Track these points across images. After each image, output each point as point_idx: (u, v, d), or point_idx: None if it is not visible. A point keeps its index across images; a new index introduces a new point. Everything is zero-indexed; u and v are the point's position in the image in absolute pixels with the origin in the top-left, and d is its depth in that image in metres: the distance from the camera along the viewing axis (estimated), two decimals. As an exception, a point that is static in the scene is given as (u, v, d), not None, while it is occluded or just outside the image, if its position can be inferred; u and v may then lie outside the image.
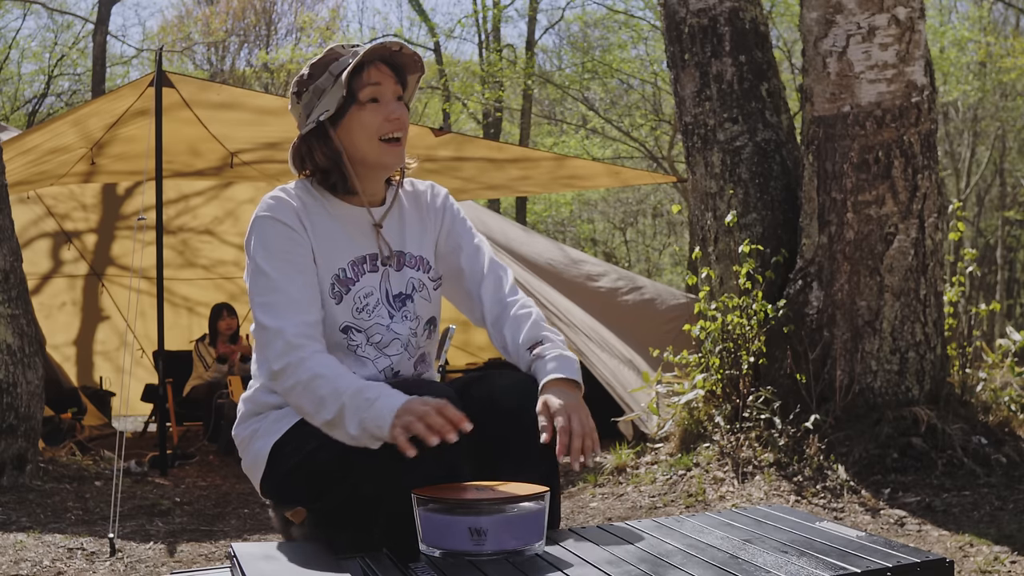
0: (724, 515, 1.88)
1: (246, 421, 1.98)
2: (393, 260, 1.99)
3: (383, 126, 1.93)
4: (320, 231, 1.93)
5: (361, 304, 1.93)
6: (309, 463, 1.85)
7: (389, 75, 1.95)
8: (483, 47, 19.07)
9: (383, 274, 1.97)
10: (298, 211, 1.92)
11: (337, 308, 1.91)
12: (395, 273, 1.99)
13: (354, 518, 1.84)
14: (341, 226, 1.96)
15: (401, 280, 1.99)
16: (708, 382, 4.37)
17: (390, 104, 1.93)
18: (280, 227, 1.89)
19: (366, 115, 1.92)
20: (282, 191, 1.96)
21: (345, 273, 1.93)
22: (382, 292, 1.96)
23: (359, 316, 1.92)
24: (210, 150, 6.77)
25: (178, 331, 8.45)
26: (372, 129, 1.93)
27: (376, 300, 1.95)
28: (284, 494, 1.96)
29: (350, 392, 1.73)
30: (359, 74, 1.92)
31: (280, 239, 1.89)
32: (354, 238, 1.96)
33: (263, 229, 1.90)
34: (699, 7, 4.72)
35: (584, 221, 23.81)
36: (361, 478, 1.79)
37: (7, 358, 4.66)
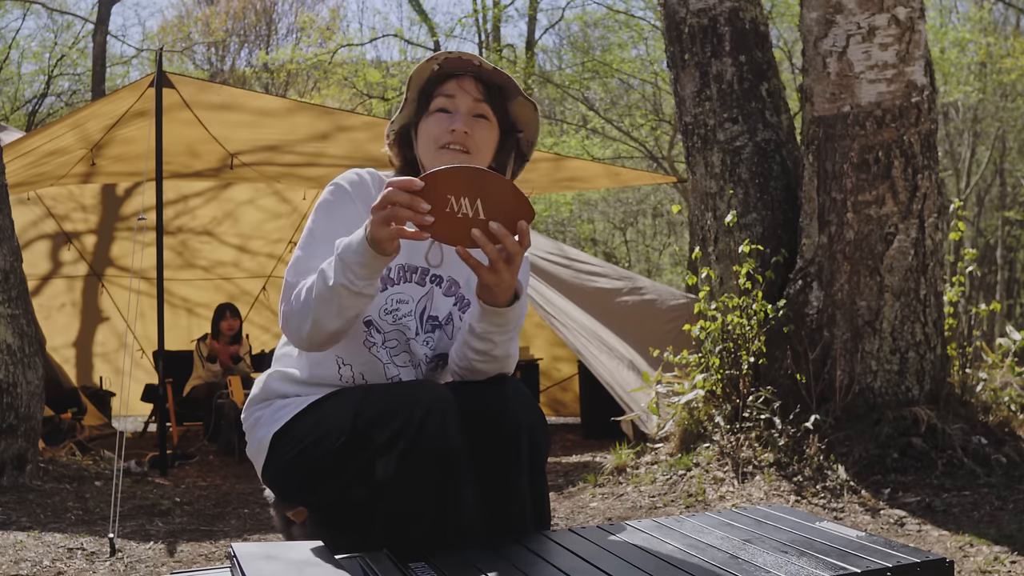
0: (724, 515, 1.88)
1: (253, 406, 1.99)
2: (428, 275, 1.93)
3: (443, 136, 1.90)
4: None
5: (392, 307, 1.90)
6: (305, 458, 1.85)
7: (471, 91, 1.92)
8: (483, 47, 19.07)
9: (429, 292, 1.93)
10: (371, 194, 1.91)
11: None
12: (442, 297, 1.94)
13: (352, 518, 1.85)
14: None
15: (443, 307, 1.94)
16: (708, 382, 4.37)
17: (457, 115, 1.91)
18: (347, 198, 1.91)
19: (430, 124, 1.92)
20: (368, 172, 1.97)
21: (389, 272, 1.91)
22: (418, 307, 1.92)
23: (385, 316, 1.90)
24: (209, 151, 6.77)
25: (177, 331, 8.45)
26: (433, 137, 1.91)
27: (408, 311, 1.91)
28: (282, 485, 1.96)
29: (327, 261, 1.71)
30: (440, 85, 1.94)
31: (343, 206, 1.90)
32: (414, 245, 1.92)
33: (333, 193, 1.92)
34: (699, 7, 4.72)
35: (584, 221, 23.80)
36: (355, 478, 1.79)
37: (7, 358, 4.65)
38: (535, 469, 1.84)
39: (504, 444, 1.80)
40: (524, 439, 1.81)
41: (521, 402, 1.84)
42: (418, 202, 1.55)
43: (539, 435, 1.84)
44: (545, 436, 1.86)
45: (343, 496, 1.84)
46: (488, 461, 1.79)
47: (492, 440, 1.79)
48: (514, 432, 1.80)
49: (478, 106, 1.92)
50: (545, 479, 1.89)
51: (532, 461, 1.83)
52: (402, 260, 1.91)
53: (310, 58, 18.70)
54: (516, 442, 1.80)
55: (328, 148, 6.75)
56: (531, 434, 1.82)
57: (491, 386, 1.86)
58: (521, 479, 1.80)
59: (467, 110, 1.91)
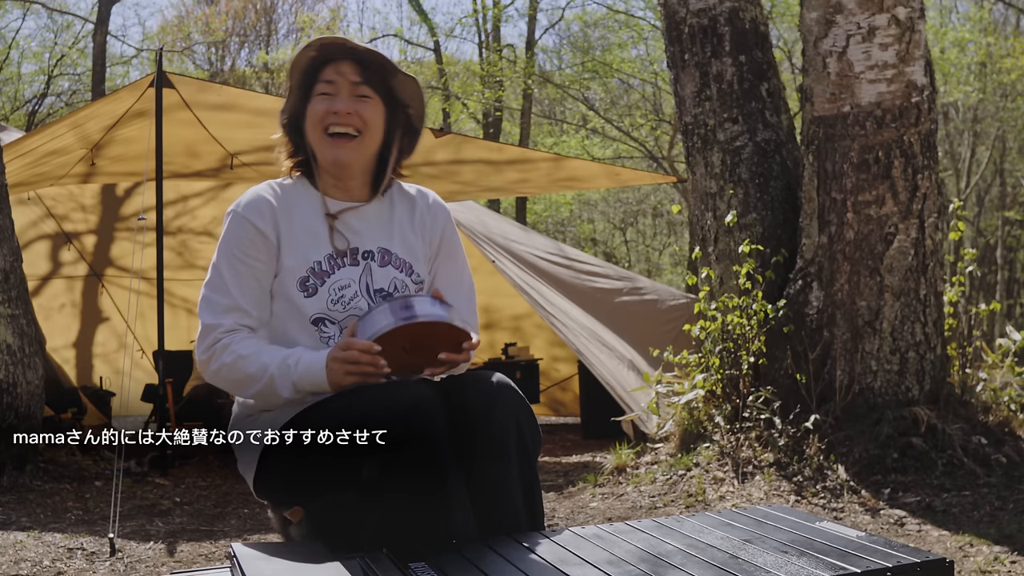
0: (724, 515, 1.88)
1: (240, 422, 2.00)
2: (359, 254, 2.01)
3: (327, 118, 1.96)
4: (298, 225, 1.98)
5: (336, 296, 1.97)
6: (293, 470, 1.86)
7: (349, 73, 1.98)
8: (483, 47, 19.07)
9: (364, 268, 2.00)
10: (275, 209, 1.98)
11: (309, 301, 1.95)
12: (378, 269, 2.01)
13: (346, 521, 1.85)
14: (323, 220, 2.00)
15: (384, 277, 2.01)
16: (708, 382, 4.37)
17: (339, 97, 1.97)
18: (246, 226, 1.96)
19: (314, 108, 1.99)
20: (267, 185, 2.03)
21: (321, 266, 1.96)
22: (361, 285, 1.99)
23: (333, 307, 1.96)
24: (209, 151, 6.77)
25: (177, 332, 8.45)
26: (317, 120, 1.98)
27: (354, 292, 1.97)
28: (274, 497, 1.97)
29: (276, 363, 1.86)
30: (319, 71, 1.99)
31: (241, 239, 1.95)
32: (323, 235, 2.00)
33: (230, 225, 1.98)
34: (699, 7, 4.72)
35: (584, 221, 23.80)
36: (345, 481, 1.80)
37: (7, 358, 4.65)
38: (526, 465, 1.84)
39: (493, 441, 1.80)
40: (512, 435, 1.81)
41: (509, 398, 1.84)
42: (378, 360, 1.79)
43: (528, 431, 1.85)
44: (534, 431, 1.87)
45: (336, 500, 1.85)
46: (477, 458, 1.79)
47: (480, 437, 1.80)
48: (502, 429, 1.80)
49: (359, 87, 1.98)
50: (536, 476, 1.89)
51: (522, 457, 1.83)
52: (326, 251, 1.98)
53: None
54: (504, 438, 1.80)
55: (328, 148, 6.74)
56: (519, 430, 1.83)
57: (478, 383, 1.87)
58: (511, 476, 1.80)
59: (348, 92, 1.97)
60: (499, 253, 6.92)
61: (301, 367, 1.84)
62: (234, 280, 1.93)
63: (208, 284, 1.96)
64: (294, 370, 1.85)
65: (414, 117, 2.07)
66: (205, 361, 1.93)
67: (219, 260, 1.96)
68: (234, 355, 1.88)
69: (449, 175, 7.00)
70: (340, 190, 2.04)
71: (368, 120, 1.98)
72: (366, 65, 1.98)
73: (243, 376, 1.88)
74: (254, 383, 1.88)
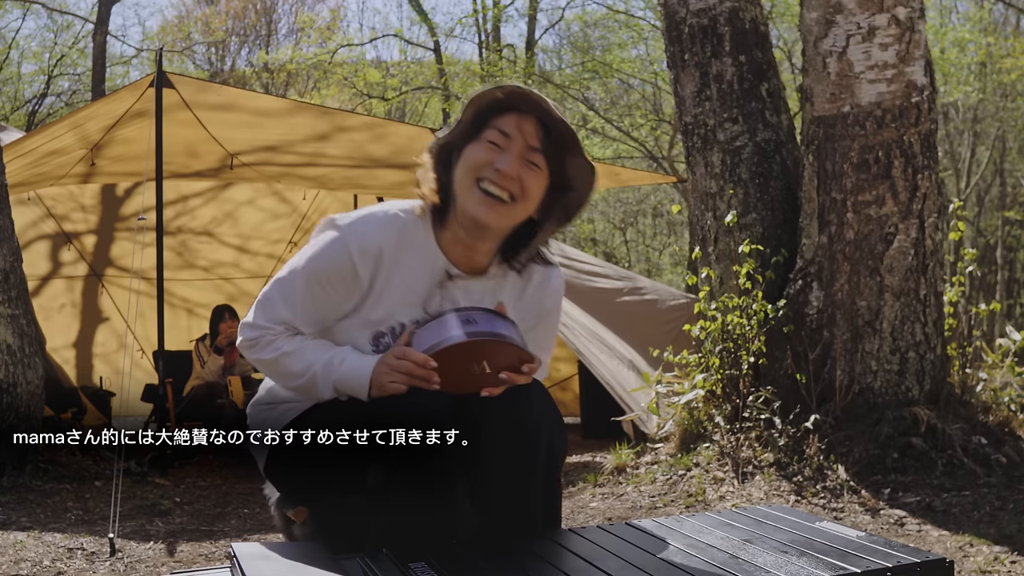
0: (724, 515, 1.88)
1: (259, 406, 2.00)
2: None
3: (486, 169, 1.77)
4: (398, 277, 1.82)
5: None
6: (303, 466, 1.86)
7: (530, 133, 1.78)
8: (483, 47, 19.07)
9: None
10: (382, 255, 1.80)
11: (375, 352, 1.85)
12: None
13: (352, 520, 1.85)
14: (425, 278, 1.84)
15: None
16: (708, 382, 4.37)
17: (508, 155, 1.77)
18: (344, 259, 1.80)
19: (477, 150, 1.79)
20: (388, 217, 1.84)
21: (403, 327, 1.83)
22: None
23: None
24: (209, 151, 6.77)
25: (177, 332, 8.44)
26: (475, 165, 1.78)
27: None
28: (282, 488, 1.97)
29: (321, 362, 1.80)
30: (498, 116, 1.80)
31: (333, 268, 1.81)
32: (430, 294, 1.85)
33: (330, 246, 1.81)
34: (699, 7, 4.72)
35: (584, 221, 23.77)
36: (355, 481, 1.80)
37: (7, 358, 4.65)
38: (551, 472, 1.84)
39: (525, 442, 1.79)
40: (543, 439, 1.81)
41: (544, 404, 1.83)
42: (432, 376, 1.71)
43: (557, 438, 1.84)
44: (563, 440, 1.86)
45: (343, 498, 1.85)
46: (505, 458, 1.79)
47: (512, 437, 1.79)
48: (535, 431, 1.80)
49: (532, 153, 1.78)
50: (559, 484, 1.89)
51: (549, 463, 1.83)
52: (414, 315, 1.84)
53: (310, 58, 18.71)
54: (536, 441, 1.80)
55: (328, 148, 6.74)
56: (550, 436, 1.82)
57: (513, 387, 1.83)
58: (536, 480, 1.80)
59: (520, 152, 1.78)
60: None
61: (345, 368, 1.79)
62: (304, 299, 1.82)
63: (276, 286, 1.85)
64: (337, 370, 1.79)
65: (573, 203, 1.86)
66: (246, 348, 1.88)
67: (299, 272, 1.83)
68: (277, 352, 1.84)
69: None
70: (463, 250, 1.85)
71: (529, 190, 1.78)
72: (549, 132, 1.79)
73: (286, 371, 1.84)
74: (296, 379, 1.84)
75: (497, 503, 1.77)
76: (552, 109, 1.77)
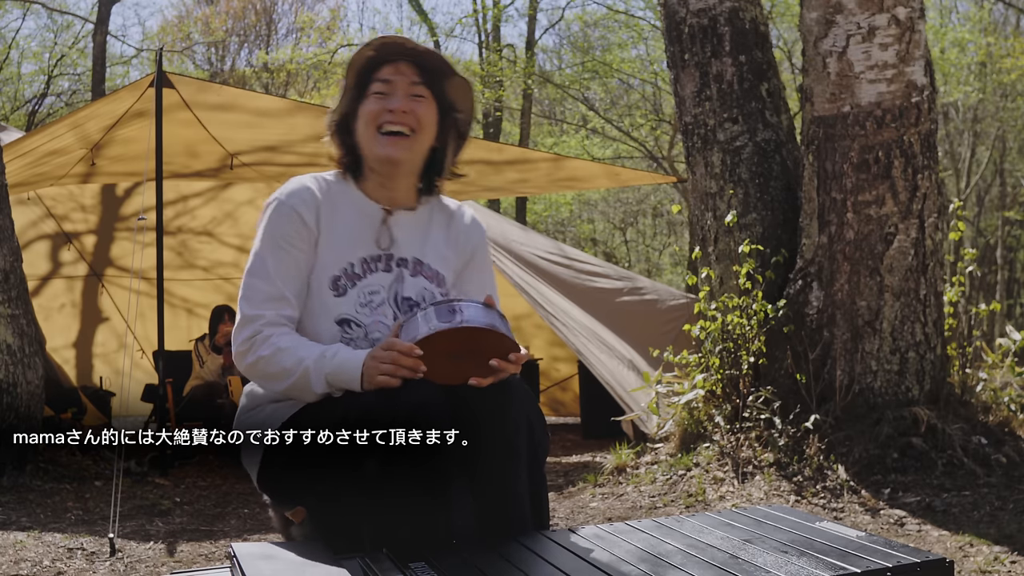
0: (724, 515, 1.88)
1: (246, 414, 2.00)
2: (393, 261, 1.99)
3: (382, 115, 1.96)
4: (338, 222, 1.96)
5: (365, 299, 1.96)
6: (295, 470, 1.86)
7: (407, 73, 1.97)
8: (483, 47, 19.07)
9: (396, 276, 1.98)
10: (318, 201, 1.97)
11: (337, 300, 1.94)
12: (410, 278, 1.99)
13: (348, 519, 1.85)
14: (362, 221, 1.99)
15: (414, 287, 1.99)
16: (708, 382, 4.37)
17: (395, 96, 1.96)
18: (291, 214, 1.94)
19: (368, 105, 1.97)
20: (312, 177, 2.02)
21: (354, 268, 1.96)
22: (390, 293, 1.97)
23: (361, 310, 1.95)
24: (209, 151, 6.77)
25: (177, 332, 8.44)
26: (371, 118, 1.97)
27: (382, 299, 1.96)
28: (277, 493, 1.97)
29: (313, 357, 1.84)
30: (376, 70, 1.98)
31: (285, 227, 1.94)
32: (364, 236, 1.99)
33: (274, 213, 1.96)
34: (699, 7, 4.72)
35: (584, 221, 23.80)
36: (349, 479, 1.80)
37: (7, 358, 4.65)
38: (534, 466, 1.85)
39: (504, 440, 1.80)
40: (523, 435, 1.81)
41: (521, 398, 1.84)
42: (419, 364, 1.75)
43: (538, 431, 1.85)
44: (544, 433, 1.87)
45: (338, 500, 1.85)
46: (487, 457, 1.79)
47: (491, 436, 1.79)
48: (513, 428, 1.80)
49: (416, 87, 1.98)
50: (544, 477, 1.89)
51: (531, 458, 1.83)
52: (361, 254, 1.97)
53: (310, 58, 18.72)
54: (515, 438, 1.80)
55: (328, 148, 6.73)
56: (530, 430, 1.83)
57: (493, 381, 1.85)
58: (520, 476, 1.80)
59: (405, 91, 1.97)
60: (499, 253, 6.92)
61: (337, 361, 1.82)
62: (277, 267, 1.92)
63: (250, 271, 1.94)
64: (329, 363, 1.83)
65: (463, 121, 2.07)
66: (243, 353, 1.91)
67: (262, 247, 1.93)
68: (273, 348, 1.87)
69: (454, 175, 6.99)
70: (385, 192, 2.02)
71: (422, 119, 1.98)
72: (424, 65, 1.99)
73: (279, 370, 1.87)
74: (289, 376, 1.86)
75: (482, 499, 1.77)
76: (418, 45, 1.98)
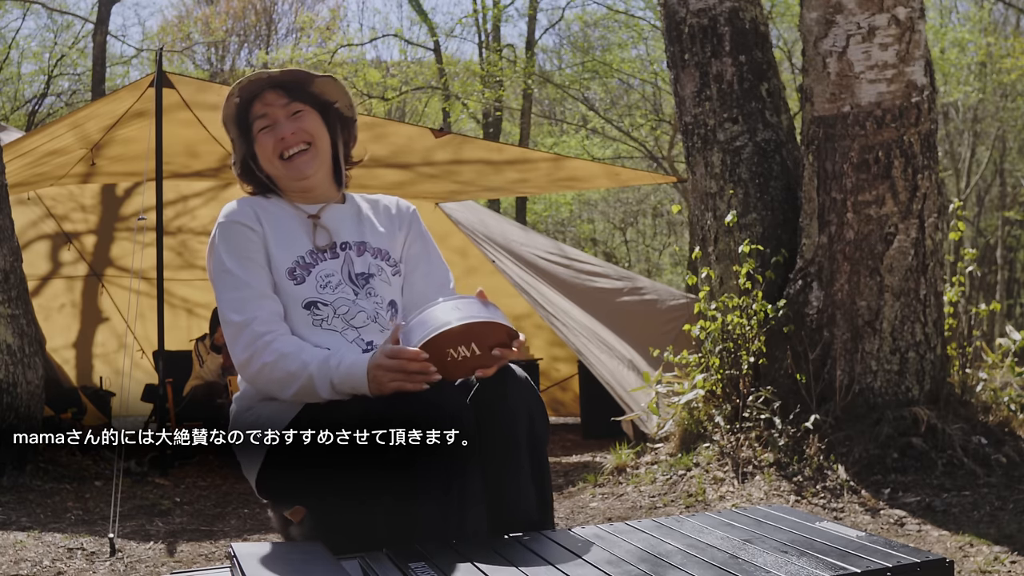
0: (724, 515, 1.88)
1: (242, 415, 2.00)
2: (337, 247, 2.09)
3: (277, 147, 2.09)
4: (279, 227, 2.06)
5: (324, 282, 2.04)
6: (297, 470, 1.86)
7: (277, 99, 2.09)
8: (483, 47, 19.06)
9: (344, 258, 2.08)
10: (257, 213, 2.07)
11: (299, 288, 2.01)
12: (357, 258, 2.10)
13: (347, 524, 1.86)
14: (298, 225, 2.10)
15: (363, 263, 2.10)
16: (708, 382, 4.37)
17: (279, 124, 2.09)
18: (240, 228, 2.04)
19: (261, 144, 2.12)
20: (243, 198, 2.14)
21: (304, 260, 2.05)
22: (344, 273, 2.07)
23: (322, 291, 2.03)
24: (209, 151, 6.77)
25: (177, 332, 8.44)
26: (269, 154, 2.10)
27: (338, 280, 2.05)
28: (277, 496, 1.97)
29: (316, 362, 1.87)
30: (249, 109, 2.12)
31: (241, 239, 2.03)
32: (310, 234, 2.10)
33: (226, 231, 2.05)
34: (699, 7, 4.72)
35: (584, 221, 23.80)
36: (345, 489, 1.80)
37: (7, 358, 4.65)
38: (536, 456, 1.85)
39: (504, 431, 1.82)
40: (523, 426, 1.83)
41: (521, 388, 1.86)
42: (428, 367, 1.78)
43: (538, 421, 1.86)
44: (544, 422, 1.88)
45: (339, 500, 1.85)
46: (487, 449, 1.80)
47: (491, 427, 1.81)
48: (513, 419, 1.82)
49: (288, 106, 2.10)
50: (547, 466, 1.90)
51: (532, 448, 1.83)
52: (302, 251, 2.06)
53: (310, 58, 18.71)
54: (515, 429, 1.82)
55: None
56: (530, 421, 1.84)
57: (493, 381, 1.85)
58: (522, 467, 1.81)
59: (283, 115, 2.09)
60: (499, 253, 6.92)
61: (343, 369, 1.86)
62: (247, 273, 1.99)
63: (223, 288, 2.00)
64: (335, 371, 1.86)
65: (343, 108, 2.18)
66: (246, 361, 1.94)
67: (226, 263, 2.01)
68: (276, 353, 1.90)
69: (449, 175, 7.00)
70: (308, 199, 2.14)
71: (311, 130, 2.10)
72: (286, 86, 2.10)
73: (284, 375, 1.90)
74: (295, 381, 1.89)
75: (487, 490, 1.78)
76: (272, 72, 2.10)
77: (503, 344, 1.84)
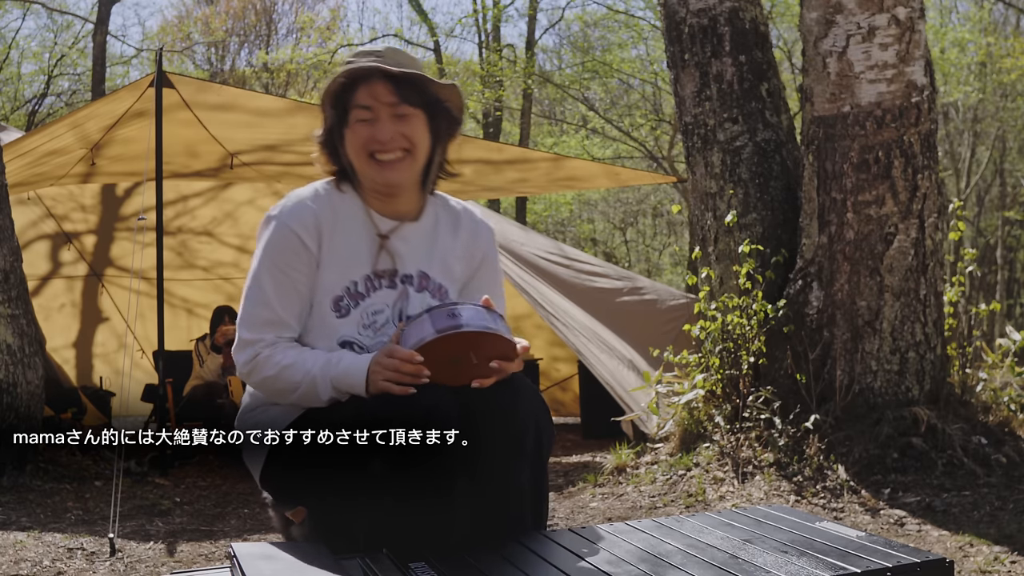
0: (724, 515, 1.88)
1: (248, 413, 2.00)
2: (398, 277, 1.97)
3: (371, 144, 1.92)
4: (340, 240, 1.92)
5: (369, 320, 1.93)
6: (298, 470, 1.86)
7: (386, 94, 1.91)
8: (483, 47, 19.07)
9: (401, 293, 1.96)
10: (319, 220, 1.92)
11: (339, 321, 1.91)
12: (415, 294, 1.97)
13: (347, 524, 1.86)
14: (364, 238, 1.95)
15: (418, 303, 1.96)
16: (708, 382, 4.37)
17: (380, 122, 1.91)
18: (289, 236, 1.90)
19: (356, 134, 1.94)
20: (312, 191, 1.97)
21: (357, 287, 1.93)
22: (395, 311, 1.95)
23: (364, 332, 1.93)
24: (209, 151, 6.77)
25: (177, 332, 8.44)
26: (360, 146, 1.93)
27: (386, 319, 1.94)
28: (279, 492, 1.97)
29: (319, 364, 1.84)
30: (352, 92, 1.93)
31: (284, 249, 1.90)
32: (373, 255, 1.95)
33: (273, 233, 1.92)
34: (699, 7, 4.72)
35: (584, 221, 23.81)
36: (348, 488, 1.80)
37: (7, 358, 4.65)
38: (538, 466, 1.85)
39: (511, 439, 1.80)
40: (531, 436, 1.82)
41: (530, 398, 1.84)
42: (421, 370, 1.75)
43: (545, 433, 1.85)
44: (549, 431, 1.87)
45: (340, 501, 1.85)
46: (490, 455, 1.79)
47: (498, 435, 1.79)
48: (522, 428, 1.80)
49: (396, 107, 1.92)
50: (546, 476, 1.89)
51: (535, 458, 1.83)
52: (364, 271, 1.93)
53: (310, 58, 18.71)
54: (523, 438, 1.80)
55: (328, 148, 6.73)
56: (537, 431, 1.83)
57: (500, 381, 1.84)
58: (523, 475, 1.80)
59: (387, 114, 1.92)
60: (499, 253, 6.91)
61: (343, 366, 1.83)
62: (276, 292, 1.89)
63: (248, 296, 1.92)
64: (335, 368, 1.83)
65: (455, 109, 2.03)
66: (247, 374, 1.92)
67: (260, 271, 1.91)
68: (277, 367, 1.87)
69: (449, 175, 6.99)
70: (388, 205, 1.99)
71: (413, 137, 1.94)
72: (399, 81, 1.92)
73: (287, 385, 1.87)
74: (297, 389, 1.87)
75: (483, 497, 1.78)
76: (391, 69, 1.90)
77: (503, 356, 1.80)
